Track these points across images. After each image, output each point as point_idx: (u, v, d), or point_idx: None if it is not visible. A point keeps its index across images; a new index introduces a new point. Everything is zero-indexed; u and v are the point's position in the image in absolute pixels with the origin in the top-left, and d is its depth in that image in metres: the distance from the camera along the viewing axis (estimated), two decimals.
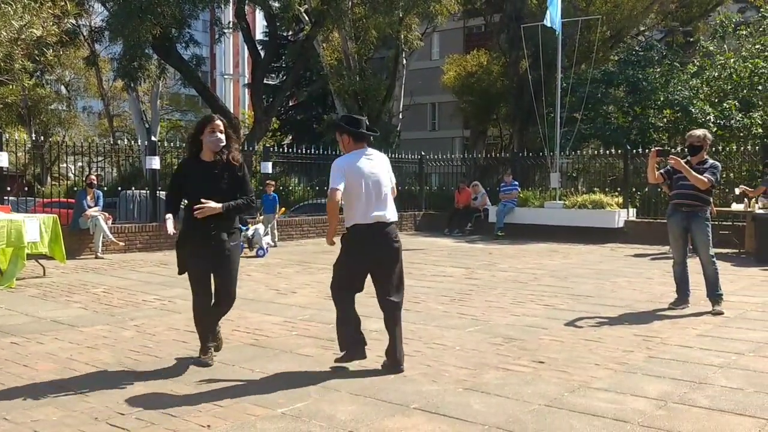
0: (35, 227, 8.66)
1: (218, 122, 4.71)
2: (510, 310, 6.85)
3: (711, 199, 6.89)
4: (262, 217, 13.09)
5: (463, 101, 29.64)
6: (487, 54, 28.81)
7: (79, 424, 3.63)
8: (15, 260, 8.34)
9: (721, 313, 6.54)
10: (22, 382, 4.38)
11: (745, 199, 11.92)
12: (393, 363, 4.64)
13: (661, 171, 7.01)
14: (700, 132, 6.93)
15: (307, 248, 13.36)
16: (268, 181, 13.75)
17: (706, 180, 6.58)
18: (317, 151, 16.15)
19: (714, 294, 6.73)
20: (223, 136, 4.67)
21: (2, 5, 11.23)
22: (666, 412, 3.83)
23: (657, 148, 7.01)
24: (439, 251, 12.79)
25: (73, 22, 22.24)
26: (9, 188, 12.72)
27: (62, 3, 13.66)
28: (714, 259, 6.76)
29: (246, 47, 25.71)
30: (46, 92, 31.80)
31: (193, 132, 4.80)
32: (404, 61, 25.75)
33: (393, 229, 4.71)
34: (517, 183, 16.41)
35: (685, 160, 6.79)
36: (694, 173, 6.59)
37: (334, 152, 14.38)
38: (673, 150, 7.30)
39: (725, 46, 20.09)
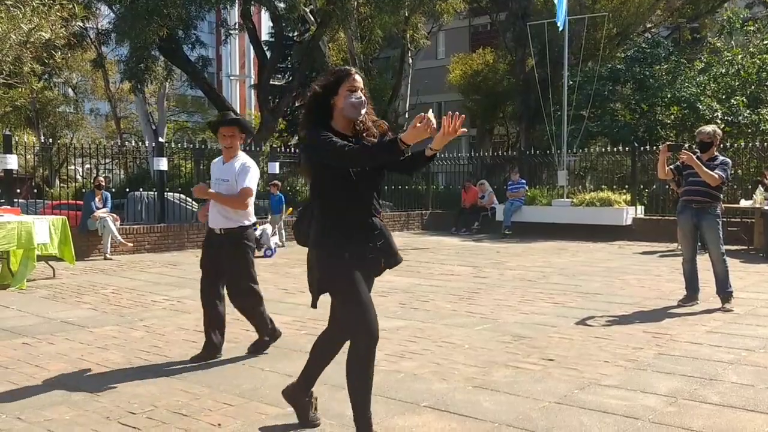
0: (45, 229, 8.71)
1: (358, 78, 3.29)
2: (518, 308, 6.84)
3: (721, 196, 6.86)
4: (269, 218, 13.14)
5: (469, 100, 29.59)
6: (493, 52, 28.76)
7: (92, 424, 3.66)
8: (25, 262, 8.41)
9: (730, 311, 6.51)
10: (34, 382, 4.42)
11: (754, 196, 11.87)
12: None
13: (671, 167, 6.98)
14: (710, 128, 6.88)
15: None
16: (273, 182, 13.79)
17: (717, 176, 6.54)
18: None
19: (724, 291, 6.69)
20: (365, 99, 3.29)
21: (11, 9, 11.30)
22: (676, 408, 3.82)
23: (668, 143, 6.98)
24: (446, 250, 12.78)
25: (81, 24, 22.35)
26: (18, 190, 12.78)
27: (70, 6, 13.71)
28: (725, 257, 6.72)
29: (252, 48, 25.79)
30: (54, 95, 31.95)
31: (321, 90, 3.26)
32: (410, 60, 25.75)
33: None
34: (524, 181, 16.37)
35: (695, 156, 6.76)
36: (705, 169, 6.55)
37: None
38: (685, 145, 7.27)
39: (733, 42, 20.01)
